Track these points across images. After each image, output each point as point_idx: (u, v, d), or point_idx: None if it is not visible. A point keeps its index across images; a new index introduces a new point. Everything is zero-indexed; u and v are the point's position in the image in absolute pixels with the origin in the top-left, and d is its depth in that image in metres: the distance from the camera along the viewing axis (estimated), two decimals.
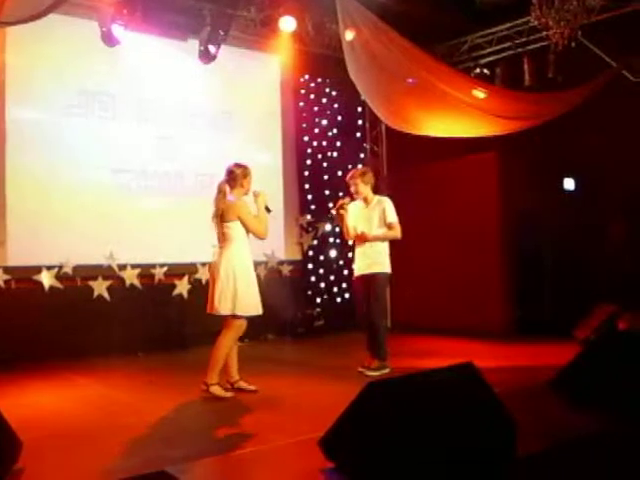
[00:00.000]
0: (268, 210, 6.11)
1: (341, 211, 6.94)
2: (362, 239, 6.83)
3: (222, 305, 5.82)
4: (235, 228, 5.93)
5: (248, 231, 5.97)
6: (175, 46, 8.99)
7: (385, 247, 6.91)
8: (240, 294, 5.81)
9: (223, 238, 5.98)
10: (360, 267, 6.92)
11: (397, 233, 6.87)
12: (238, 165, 6.12)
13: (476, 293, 9.44)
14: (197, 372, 6.91)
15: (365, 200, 6.96)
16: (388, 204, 6.89)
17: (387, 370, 6.67)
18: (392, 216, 6.85)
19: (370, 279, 6.81)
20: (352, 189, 6.98)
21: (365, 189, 6.93)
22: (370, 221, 6.87)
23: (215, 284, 5.89)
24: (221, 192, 6.06)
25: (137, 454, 4.20)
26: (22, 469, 3.75)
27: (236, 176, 6.06)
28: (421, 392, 3.55)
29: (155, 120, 9.07)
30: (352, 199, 6.97)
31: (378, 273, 6.82)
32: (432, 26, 9.14)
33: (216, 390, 5.85)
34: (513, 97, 8.65)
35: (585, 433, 4.21)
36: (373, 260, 6.82)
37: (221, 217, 5.96)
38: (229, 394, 5.90)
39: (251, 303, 5.89)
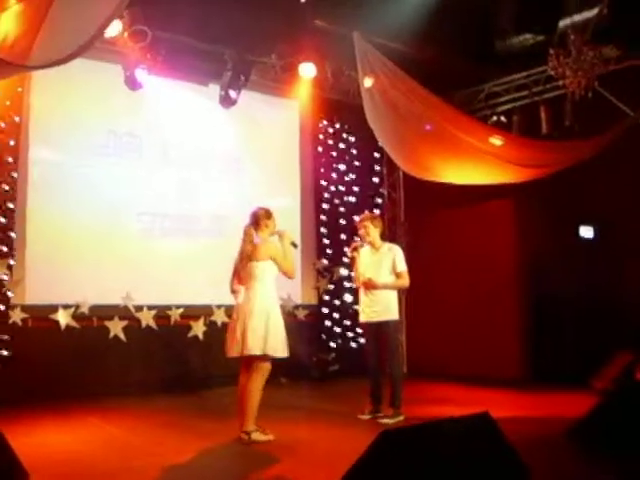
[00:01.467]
0: (295, 245, 6.17)
1: (354, 253, 6.97)
2: (370, 286, 6.82)
3: (255, 344, 5.73)
4: (264, 268, 5.93)
5: (280, 270, 5.99)
6: (197, 90, 9.17)
7: (394, 295, 6.92)
8: (272, 334, 5.78)
9: (250, 278, 5.95)
10: (368, 314, 6.88)
11: (406, 282, 6.89)
12: (261, 208, 6.18)
13: (492, 340, 9.37)
14: (213, 416, 6.93)
15: (372, 245, 6.98)
16: (399, 253, 6.92)
17: (401, 418, 6.63)
18: (402, 265, 6.86)
19: (381, 327, 6.80)
20: (361, 232, 7.02)
21: (374, 233, 6.95)
22: (379, 267, 6.86)
23: (246, 324, 5.79)
24: (247, 235, 6.10)
25: None
26: None
27: (260, 218, 6.10)
28: (435, 441, 3.52)
29: (175, 163, 9.20)
30: (363, 245, 7.01)
31: (389, 321, 6.81)
32: (449, 74, 9.23)
33: (257, 436, 5.76)
34: (530, 145, 8.67)
35: None
36: (383, 307, 6.80)
37: (250, 257, 5.97)
38: (271, 437, 5.81)
39: (281, 344, 5.86)
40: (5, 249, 7.83)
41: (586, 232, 9.55)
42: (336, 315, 10.57)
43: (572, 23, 7.71)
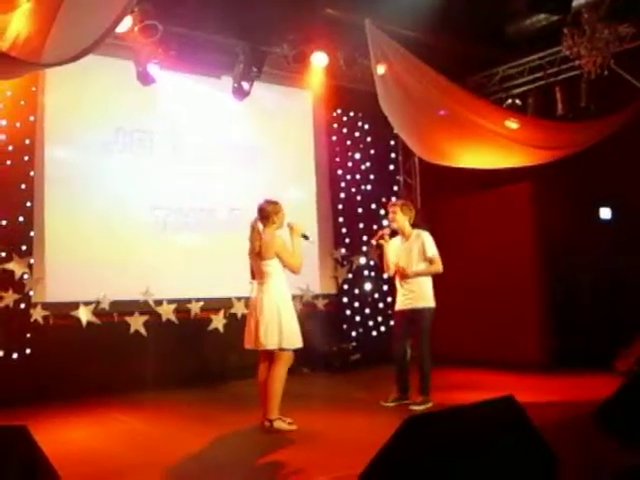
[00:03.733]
0: (306, 238, 6.14)
1: (381, 241, 6.96)
2: (404, 275, 6.81)
3: (269, 340, 5.81)
4: (273, 265, 5.96)
5: (285, 266, 6.00)
6: (209, 83, 9.18)
7: (428, 281, 6.90)
8: (285, 328, 5.83)
9: (261, 275, 5.99)
10: (403, 302, 6.90)
11: (439, 267, 6.86)
12: (268, 202, 6.14)
13: (513, 325, 9.32)
14: (234, 407, 6.95)
15: (402, 233, 6.98)
16: (427, 238, 6.89)
17: (430, 404, 6.64)
18: (432, 250, 6.84)
19: (415, 314, 6.80)
20: (390, 217, 7.04)
21: (402, 220, 6.95)
22: (410, 255, 6.87)
23: (258, 320, 5.87)
24: (255, 230, 6.10)
25: None
26: None
27: (268, 213, 6.08)
28: (461, 426, 3.49)
29: (190, 156, 9.20)
30: (392, 232, 6.97)
31: (424, 308, 6.81)
32: (463, 58, 9.18)
33: (280, 425, 5.82)
34: (546, 127, 8.61)
35: (629, 467, 4.11)
36: (417, 295, 6.80)
37: (259, 255, 5.98)
38: (294, 427, 5.86)
39: (295, 336, 5.91)
40: (25, 248, 7.86)
41: (605, 214, 9.48)
42: (356, 304, 10.54)
43: (586, 2, 7.62)
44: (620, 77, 8.06)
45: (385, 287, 10.70)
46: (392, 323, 7.66)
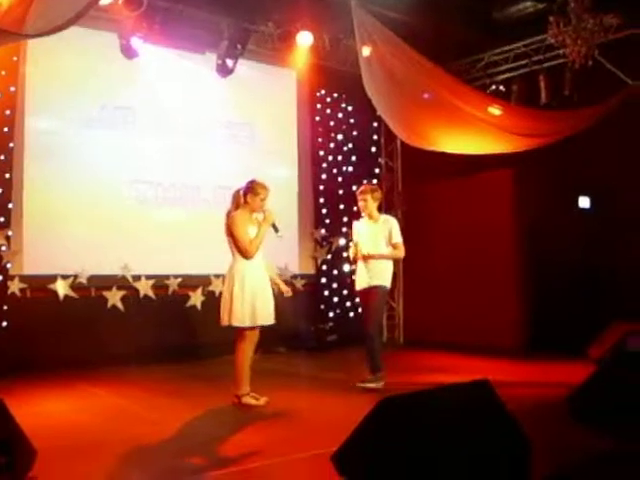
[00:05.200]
0: (275, 229, 6.13)
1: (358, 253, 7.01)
2: (368, 257, 6.87)
3: (224, 316, 5.94)
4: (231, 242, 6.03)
5: (235, 247, 5.99)
6: (193, 59, 9.10)
7: (390, 264, 7.04)
8: (235, 306, 5.87)
9: (232, 252, 6.05)
10: (360, 282, 7.01)
11: (401, 253, 7.04)
12: (250, 183, 6.16)
13: (490, 310, 9.41)
14: (210, 383, 6.98)
15: (370, 216, 7.06)
16: (395, 225, 7.03)
17: (382, 383, 6.69)
18: (398, 237, 6.99)
19: (369, 292, 6.91)
20: (360, 204, 7.10)
21: (372, 206, 7.04)
22: (376, 238, 6.98)
23: (223, 297, 6.03)
24: (231, 205, 6.16)
25: (150, 465, 4.23)
26: (35, 478, 3.77)
27: (246, 190, 6.13)
28: (435, 408, 3.54)
29: (172, 132, 9.14)
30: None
31: (378, 286, 6.91)
32: (449, 43, 9.17)
33: (249, 400, 5.93)
34: (529, 114, 8.64)
35: (600, 453, 4.19)
36: (375, 274, 6.91)
37: (225, 233, 6.05)
38: (261, 402, 5.95)
39: (246, 314, 5.89)
40: (2, 220, 7.80)
41: (583, 202, 9.55)
42: (334, 285, 10.57)
43: None
44: (604, 68, 8.10)
45: None
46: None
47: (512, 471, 3.54)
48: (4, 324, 7.67)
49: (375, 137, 11.29)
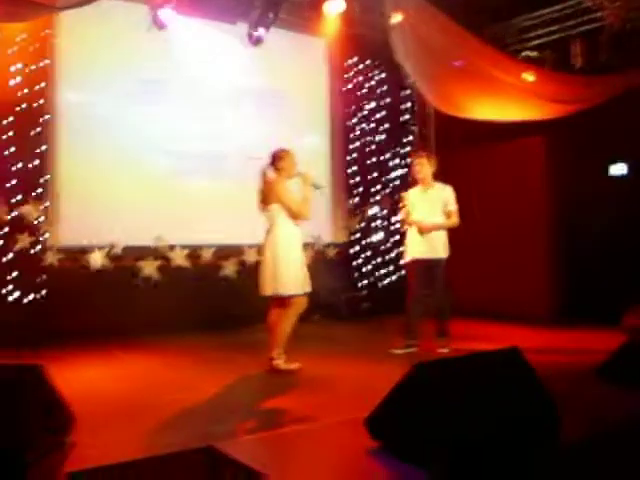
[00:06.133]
0: (317, 187, 6.19)
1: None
2: (426, 229, 6.91)
3: (266, 286, 5.99)
4: (277, 210, 6.06)
5: (288, 213, 6.04)
6: (224, 29, 9.09)
7: (445, 232, 7.09)
8: (281, 274, 5.92)
9: (268, 221, 6.09)
10: (421, 251, 7.00)
11: (456, 221, 7.05)
12: (279, 149, 6.25)
13: (522, 278, 9.37)
14: (243, 351, 7.06)
15: (425, 183, 7.08)
16: (452, 192, 7.08)
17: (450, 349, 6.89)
18: (454, 204, 7.04)
19: (435, 263, 6.98)
20: (416, 167, 7.16)
21: (428, 171, 7.10)
22: (432, 206, 7.03)
23: (261, 266, 6.07)
24: (262, 176, 6.19)
25: (184, 429, 4.30)
26: (74, 442, 3.87)
27: (276, 159, 6.19)
28: (466, 374, 3.57)
29: (203, 103, 9.16)
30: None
31: (442, 258, 7.03)
32: (481, 8, 9.05)
33: (280, 364, 6.00)
34: (563, 80, 8.51)
35: (631, 417, 4.19)
36: (438, 244, 6.98)
37: (263, 201, 6.07)
38: (294, 366, 6.03)
39: (291, 283, 5.96)
40: (39, 192, 7.93)
41: (618, 169, 9.41)
42: (367, 254, 10.59)
43: None
44: None
45: (396, 237, 10.74)
46: (405, 272, 7.72)
47: (541, 433, 3.55)
48: (42, 293, 7.82)
49: (408, 105, 11.19)
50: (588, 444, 3.60)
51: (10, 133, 7.74)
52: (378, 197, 10.65)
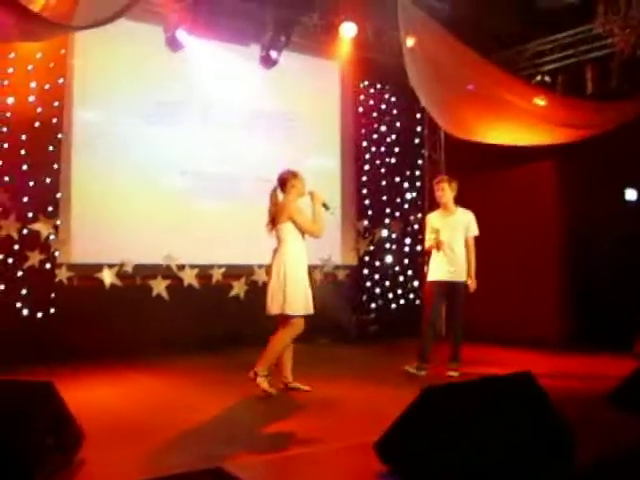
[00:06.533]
0: (326, 207, 6.21)
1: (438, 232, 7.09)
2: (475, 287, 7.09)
3: (273, 305, 5.97)
4: (286, 229, 6.06)
5: (301, 230, 6.07)
6: (237, 51, 9.13)
7: (465, 257, 7.15)
8: (289, 293, 5.91)
9: (277, 241, 6.12)
10: (444, 274, 7.03)
11: (474, 247, 7.19)
12: (287, 170, 6.28)
13: (534, 303, 9.33)
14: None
15: (445, 207, 7.17)
16: (473, 218, 7.20)
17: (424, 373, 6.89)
18: (476, 230, 7.19)
19: (456, 287, 7.03)
20: (437, 193, 7.25)
21: (450, 196, 7.18)
22: (454, 230, 7.10)
23: (268, 285, 6.08)
24: (272, 197, 6.23)
25: (193, 450, 4.28)
26: (83, 460, 3.86)
27: (284, 180, 6.21)
28: (479, 398, 3.54)
29: (216, 124, 9.24)
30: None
31: (465, 281, 7.07)
32: (494, 33, 9.09)
33: (262, 382, 5.95)
34: (575, 105, 8.52)
35: None
36: (461, 269, 7.05)
37: (273, 220, 6.10)
38: (273, 390, 5.98)
39: (299, 303, 5.95)
40: (51, 209, 7.96)
41: (630, 195, 9.40)
42: (376, 276, 10.58)
43: None
44: None
45: (406, 260, 10.75)
46: (423, 293, 7.75)
47: (555, 460, 3.52)
48: (52, 311, 7.84)
49: (419, 128, 11.22)
50: (600, 469, 3.57)
51: (24, 151, 7.79)
52: (388, 220, 10.65)
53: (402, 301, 10.73)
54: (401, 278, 10.77)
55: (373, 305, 10.46)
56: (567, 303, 9.24)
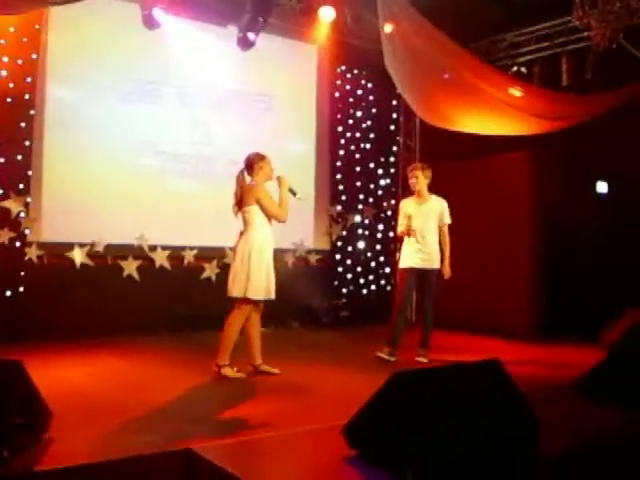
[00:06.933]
0: (293, 193, 6.22)
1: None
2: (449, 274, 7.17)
3: (235, 287, 5.97)
4: (253, 212, 6.06)
5: (267, 214, 6.07)
6: (214, 32, 9.07)
7: (437, 243, 7.22)
8: (252, 278, 5.92)
9: (243, 223, 6.12)
10: (414, 260, 7.09)
11: (448, 236, 7.25)
12: (254, 153, 6.28)
13: (504, 292, 9.41)
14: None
15: (419, 195, 7.20)
16: (447, 206, 7.24)
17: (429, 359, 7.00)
18: (449, 218, 7.24)
19: (428, 274, 7.09)
20: (411, 181, 7.28)
21: (423, 183, 7.23)
22: (427, 217, 7.15)
23: (231, 266, 6.11)
24: (238, 180, 6.23)
25: (161, 430, 4.28)
26: (51, 439, 3.85)
27: (251, 162, 6.20)
28: (446, 384, 3.58)
29: (191, 104, 9.17)
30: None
31: (436, 269, 7.14)
32: (471, 22, 9.10)
33: (227, 371, 6.01)
34: (550, 97, 8.58)
35: (607, 433, 4.22)
36: (432, 256, 7.11)
37: (239, 203, 6.08)
38: (240, 375, 6.03)
39: (261, 287, 5.97)
40: (22, 187, 7.86)
41: (601, 187, 9.52)
42: (348, 261, 10.60)
43: None
44: (628, 52, 8.02)
45: (378, 246, 10.79)
46: (395, 280, 7.79)
47: (519, 449, 3.57)
48: (21, 289, 7.76)
49: (394, 115, 11.22)
50: (564, 458, 3.63)
51: None
52: (362, 206, 10.67)
53: (373, 287, 10.77)
54: (373, 264, 10.80)
55: (344, 290, 10.48)
56: (537, 293, 9.34)
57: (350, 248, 10.64)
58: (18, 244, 7.82)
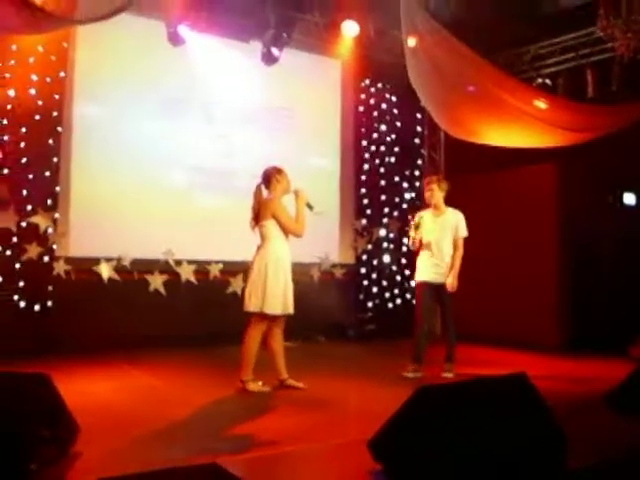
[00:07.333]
0: (310, 207, 6.18)
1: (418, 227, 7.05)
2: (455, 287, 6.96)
3: (252, 302, 5.93)
4: (269, 226, 6.03)
5: (283, 229, 6.05)
6: (239, 47, 9.14)
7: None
8: (268, 293, 5.89)
9: (260, 237, 6.11)
10: (429, 275, 7.03)
11: (462, 251, 7.06)
12: (271, 167, 6.25)
13: (531, 306, 9.33)
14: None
15: (436, 208, 7.13)
16: (463, 219, 7.11)
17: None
18: (465, 231, 7.08)
19: (442, 287, 6.97)
20: (427, 194, 7.21)
21: (439, 196, 7.13)
22: (443, 231, 7.05)
23: (247, 281, 6.07)
24: (255, 194, 6.21)
25: (186, 444, 4.29)
26: (78, 452, 3.87)
27: (268, 176, 6.18)
28: (473, 399, 3.55)
29: (217, 120, 9.24)
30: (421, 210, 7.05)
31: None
32: (495, 35, 9.08)
33: (252, 386, 5.98)
34: (575, 109, 8.53)
35: (637, 447, 4.16)
36: (444, 269, 6.98)
37: (256, 217, 6.08)
38: (265, 388, 6.01)
39: (278, 302, 5.94)
40: (50, 202, 7.97)
41: (628, 199, 9.42)
42: (374, 275, 10.59)
43: None
44: None
45: (404, 260, 10.75)
46: (415, 294, 7.73)
47: (547, 464, 3.54)
48: (49, 304, 7.85)
49: (419, 128, 11.23)
50: (593, 473, 3.58)
51: (23, 144, 7.79)
52: (387, 219, 10.66)
53: (399, 300, 10.74)
54: (398, 277, 10.78)
55: (370, 304, 10.47)
56: (564, 306, 9.25)
57: (375, 262, 10.62)
58: (46, 259, 7.93)
